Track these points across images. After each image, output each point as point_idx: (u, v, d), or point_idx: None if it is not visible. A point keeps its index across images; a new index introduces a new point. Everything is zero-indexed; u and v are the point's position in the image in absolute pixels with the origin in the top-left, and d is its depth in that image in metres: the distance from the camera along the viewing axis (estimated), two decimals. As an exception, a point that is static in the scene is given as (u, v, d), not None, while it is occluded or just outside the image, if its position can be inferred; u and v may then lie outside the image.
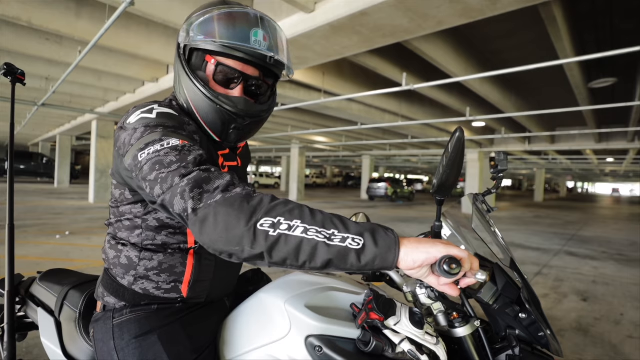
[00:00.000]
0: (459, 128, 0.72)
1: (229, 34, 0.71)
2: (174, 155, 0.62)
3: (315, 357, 0.71)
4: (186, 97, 0.76)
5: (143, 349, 0.75)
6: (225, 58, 0.74)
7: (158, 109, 0.69)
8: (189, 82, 0.75)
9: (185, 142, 0.64)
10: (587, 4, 4.48)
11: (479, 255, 1.00)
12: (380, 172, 31.98)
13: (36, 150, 24.76)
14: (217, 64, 0.74)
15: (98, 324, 0.80)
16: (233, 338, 0.83)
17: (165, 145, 0.63)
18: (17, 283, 1.10)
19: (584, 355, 2.43)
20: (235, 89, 0.77)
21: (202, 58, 0.75)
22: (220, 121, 0.76)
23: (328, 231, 0.55)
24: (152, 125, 0.66)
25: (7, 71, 1.11)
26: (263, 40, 0.73)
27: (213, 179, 0.59)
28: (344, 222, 0.57)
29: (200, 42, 0.72)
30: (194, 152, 0.63)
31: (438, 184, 0.75)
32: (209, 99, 0.74)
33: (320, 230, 0.55)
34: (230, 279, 0.91)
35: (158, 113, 0.68)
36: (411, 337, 0.72)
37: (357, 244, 0.55)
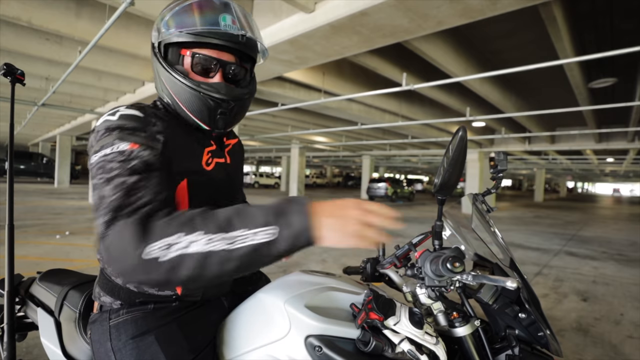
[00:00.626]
0: (462, 127, 0.72)
1: (198, 22, 0.72)
2: (117, 161, 0.62)
3: (314, 357, 0.71)
4: (169, 92, 0.76)
5: (140, 350, 0.75)
6: (199, 48, 0.75)
7: (123, 111, 0.69)
8: (169, 76, 0.75)
9: (136, 146, 0.64)
10: (587, 4, 4.48)
11: (478, 255, 1.00)
12: (380, 172, 31.97)
13: (36, 150, 24.75)
14: (193, 54, 0.75)
15: (95, 325, 0.80)
16: (232, 338, 0.83)
17: (115, 149, 0.63)
18: (17, 283, 1.10)
19: (584, 355, 2.43)
20: (215, 76, 0.78)
21: (177, 53, 0.76)
22: (206, 108, 0.76)
23: (235, 232, 0.53)
24: (111, 128, 0.66)
25: (6, 71, 1.11)
26: (232, 23, 0.74)
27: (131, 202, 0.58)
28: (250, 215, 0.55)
29: (173, 36, 0.73)
30: (138, 159, 0.63)
31: (440, 184, 0.75)
32: (191, 89, 0.74)
33: (227, 235, 0.53)
34: None
35: (120, 115, 0.68)
36: (411, 337, 0.72)
37: (270, 234, 0.53)
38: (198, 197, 0.77)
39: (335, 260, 4.73)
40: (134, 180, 0.61)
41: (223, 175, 0.85)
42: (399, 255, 1.00)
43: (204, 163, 0.79)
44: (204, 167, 0.78)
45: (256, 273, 1.08)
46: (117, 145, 0.64)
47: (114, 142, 0.64)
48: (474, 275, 0.75)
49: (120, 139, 0.65)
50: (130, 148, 0.64)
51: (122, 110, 0.70)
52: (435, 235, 0.86)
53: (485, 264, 0.98)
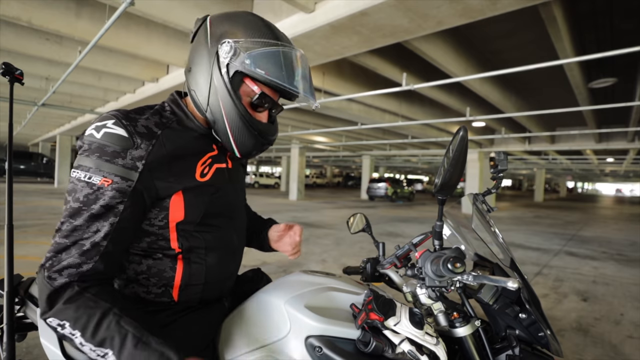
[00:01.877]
0: (463, 127, 0.72)
1: (280, 73, 0.73)
2: (84, 194, 0.65)
3: (315, 358, 0.71)
4: (221, 111, 0.75)
5: None
6: (266, 87, 0.77)
7: (108, 128, 0.67)
8: (229, 102, 0.74)
9: (107, 182, 0.65)
10: (587, 4, 4.48)
11: (479, 256, 1.00)
12: (380, 172, 31.98)
13: (36, 150, 24.77)
14: (262, 92, 0.76)
15: None
16: (232, 338, 0.82)
17: (86, 178, 0.65)
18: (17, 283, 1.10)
19: (584, 355, 2.43)
20: (263, 113, 0.81)
21: (241, 77, 0.75)
22: (252, 144, 0.79)
23: (103, 350, 0.60)
24: (92, 148, 0.66)
25: (5, 71, 1.10)
26: (302, 80, 0.77)
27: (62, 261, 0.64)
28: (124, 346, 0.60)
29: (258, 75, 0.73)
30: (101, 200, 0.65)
31: (441, 183, 0.75)
32: (247, 125, 0.76)
33: (95, 349, 0.61)
34: (224, 281, 0.89)
35: (104, 133, 0.67)
36: (411, 338, 0.72)
37: None
38: (194, 206, 0.76)
39: (335, 261, 4.73)
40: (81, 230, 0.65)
41: (223, 181, 0.83)
42: (399, 255, 0.99)
43: (198, 175, 0.76)
44: (197, 180, 0.76)
45: (257, 273, 1.07)
46: (90, 176, 0.65)
47: (90, 170, 0.65)
48: (475, 275, 0.75)
49: (96, 167, 0.65)
50: (100, 184, 0.65)
51: (109, 126, 0.67)
52: (436, 235, 0.86)
53: (485, 264, 0.97)
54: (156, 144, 0.70)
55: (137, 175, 0.67)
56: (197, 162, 0.77)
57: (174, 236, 0.75)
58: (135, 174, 0.67)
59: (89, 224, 0.64)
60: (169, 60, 5.59)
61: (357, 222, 1.22)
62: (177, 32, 5.41)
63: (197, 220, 0.76)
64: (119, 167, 0.66)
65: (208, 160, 0.80)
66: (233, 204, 0.89)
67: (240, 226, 0.93)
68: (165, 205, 0.72)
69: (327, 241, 6.20)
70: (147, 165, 0.68)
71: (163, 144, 0.71)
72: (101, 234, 0.65)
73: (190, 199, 0.75)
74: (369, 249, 5.57)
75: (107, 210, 0.65)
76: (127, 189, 0.66)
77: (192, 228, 0.76)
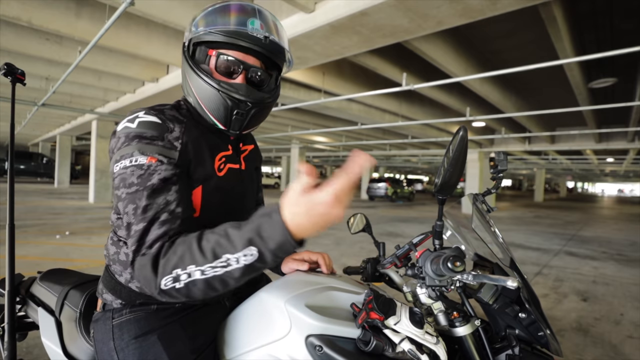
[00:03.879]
0: (462, 127, 0.72)
1: (227, 22, 0.74)
2: (137, 176, 0.66)
3: (315, 357, 0.71)
4: (192, 91, 0.78)
5: (143, 350, 0.75)
6: (226, 49, 0.77)
7: (142, 117, 0.71)
8: (193, 75, 0.77)
9: (153, 160, 0.67)
10: (587, 4, 4.48)
11: (479, 255, 1.00)
12: (380, 172, 31.98)
13: (36, 150, 24.76)
14: (218, 54, 0.76)
15: (98, 324, 0.80)
16: (233, 338, 0.83)
17: (134, 162, 0.66)
18: (18, 283, 1.10)
19: (584, 355, 2.43)
20: (238, 78, 0.79)
21: (204, 52, 0.78)
22: (223, 107, 0.76)
23: (221, 261, 0.57)
24: (130, 137, 0.69)
25: (7, 71, 1.11)
26: (260, 28, 0.76)
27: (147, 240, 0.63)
28: (230, 237, 0.58)
29: (201, 34, 0.75)
30: (155, 174, 0.66)
31: (441, 183, 0.75)
32: (212, 87, 0.75)
33: (214, 265, 0.57)
34: None
35: (139, 122, 0.70)
36: (411, 337, 0.72)
37: (252, 256, 0.57)
38: (209, 203, 0.77)
39: (335, 261, 4.73)
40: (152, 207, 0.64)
41: (236, 181, 0.85)
42: (399, 255, 1.00)
43: (217, 168, 0.79)
44: (216, 173, 0.78)
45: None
46: (136, 159, 0.67)
47: (133, 154, 0.67)
48: (475, 275, 0.75)
49: (139, 151, 0.67)
50: (148, 162, 0.67)
51: (141, 116, 0.71)
52: (436, 235, 0.86)
53: (485, 264, 0.98)
54: (186, 128, 0.75)
55: (177, 153, 0.71)
56: (215, 156, 0.80)
57: None
58: (176, 152, 0.70)
59: (155, 198, 0.65)
60: (169, 60, 5.59)
61: (357, 223, 1.22)
62: (177, 32, 5.41)
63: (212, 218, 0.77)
64: (160, 147, 0.69)
65: (222, 158, 0.82)
66: (243, 206, 0.90)
67: None
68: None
69: (327, 241, 6.21)
70: (183, 145, 0.72)
71: (189, 129, 0.75)
72: (172, 204, 0.66)
73: (207, 195, 0.77)
74: (369, 249, 5.57)
75: (165, 181, 0.67)
76: (173, 164, 0.69)
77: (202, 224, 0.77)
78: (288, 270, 1.00)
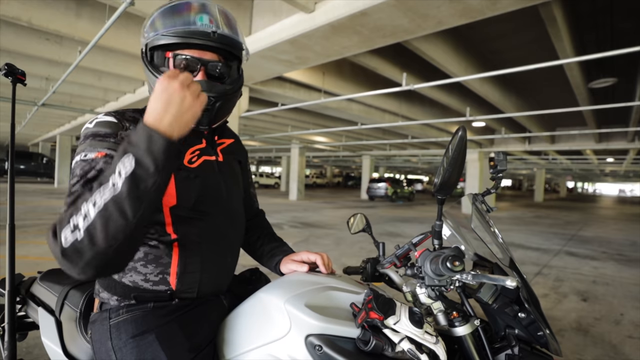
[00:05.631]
0: (462, 127, 0.73)
1: (175, 23, 0.76)
2: (80, 168, 0.69)
3: (315, 356, 0.71)
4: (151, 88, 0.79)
5: (140, 349, 0.75)
6: (182, 49, 0.79)
7: (100, 118, 0.75)
8: (152, 77, 0.79)
9: (101, 154, 0.70)
10: (587, 4, 4.49)
11: (478, 256, 1.01)
12: (380, 172, 31.97)
13: (36, 150, 24.76)
14: (175, 55, 0.78)
15: (95, 325, 0.81)
16: (233, 337, 0.83)
17: (82, 157, 0.70)
18: (18, 283, 1.10)
19: (584, 355, 2.43)
20: (198, 75, 0.81)
21: (162, 56, 0.80)
22: None
23: (107, 184, 0.57)
24: (87, 135, 0.73)
25: (7, 71, 1.12)
26: (209, 22, 0.77)
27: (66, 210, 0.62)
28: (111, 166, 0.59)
29: (153, 39, 0.77)
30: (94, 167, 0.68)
31: (440, 183, 0.75)
32: None
33: (101, 190, 0.57)
34: (222, 274, 0.91)
35: (96, 122, 0.75)
36: (411, 336, 0.72)
37: (130, 164, 0.57)
38: (184, 192, 0.80)
39: (335, 261, 4.73)
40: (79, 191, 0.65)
41: (211, 172, 0.87)
42: (399, 254, 1.00)
43: (186, 161, 0.82)
44: (185, 165, 0.81)
45: (255, 272, 1.08)
46: (86, 154, 0.70)
47: (85, 150, 0.71)
48: (474, 274, 0.75)
49: (91, 147, 0.71)
50: (95, 156, 0.70)
51: (100, 117, 0.76)
52: (435, 234, 0.86)
53: (484, 264, 0.98)
54: None
55: None
56: (186, 151, 0.82)
57: (169, 221, 0.79)
58: None
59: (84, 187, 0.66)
60: (169, 60, 5.59)
61: (357, 223, 1.22)
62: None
63: (190, 205, 0.80)
64: (111, 143, 0.72)
65: (196, 151, 0.84)
66: (226, 196, 0.90)
67: (237, 222, 0.94)
68: None
69: (327, 241, 6.21)
70: None
71: None
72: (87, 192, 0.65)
73: (180, 183, 0.79)
74: (369, 249, 5.58)
75: (100, 173, 0.68)
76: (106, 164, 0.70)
77: (186, 214, 0.80)
78: (287, 271, 1.00)
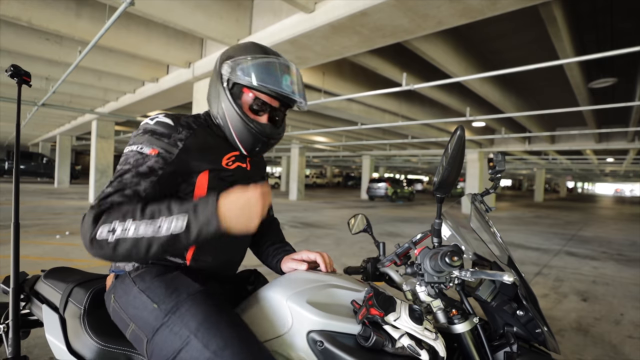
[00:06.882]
0: (460, 127, 0.74)
1: (268, 79, 0.90)
2: (134, 159, 0.81)
3: (316, 352, 0.72)
4: (225, 118, 0.93)
5: (167, 281, 0.82)
6: (260, 93, 0.92)
7: (160, 118, 0.87)
8: (230, 107, 0.92)
9: (154, 152, 0.82)
10: (587, 4, 4.49)
11: (477, 255, 1.02)
12: (380, 172, 31.98)
13: (36, 150, 24.77)
14: (255, 97, 0.92)
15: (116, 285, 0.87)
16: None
17: (138, 149, 0.82)
18: (22, 280, 1.11)
19: (584, 355, 2.44)
20: (263, 116, 0.95)
21: (240, 89, 0.93)
22: (252, 141, 0.94)
23: (156, 221, 0.70)
24: (146, 130, 0.85)
25: (13, 72, 1.13)
26: (290, 84, 0.92)
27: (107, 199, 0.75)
28: (171, 205, 0.73)
29: (247, 82, 0.90)
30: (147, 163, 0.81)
31: (439, 182, 0.76)
32: (245, 124, 0.92)
33: (149, 223, 0.70)
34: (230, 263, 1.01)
35: (157, 121, 0.86)
36: (411, 333, 0.73)
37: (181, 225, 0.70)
38: (214, 187, 0.89)
39: (335, 260, 4.74)
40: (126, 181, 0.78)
41: (242, 176, 0.97)
42: (399, 253, 1.01)
43: (224, 163, 0.93)
44: (223, 166, 0.92)
45: (254, 273, 1.10)
46: (142, 147, 0.82)
47: (142, 143, 0.82)
48: (472, 271, 0.76)
49: (148, 142, 0.82)
50: (149, 152, 0.82)
51: (159, 117, 0.87)
52: (435, 233, 0.87)
53: (483, 263, 0.99)
54: (192, 134, 0.89)
55: (177, 150, 0.84)
56: (223, 155, 0.94)
57: None
58: (176, 150, 0.84)
59: (133, 178, 0.79)
60: (169, 60, 5.60)
61: (358, 223, 1.23)
62: (177, 32, 5.41)
63: None
64: (165, 143, 0.84)
65: (232, 157, 0.96)
66: None
67: None
68: (193, 182, 0.87)
69: (327, 241, 6.22)
70: (184, 146, 0.86)
71: (197, 135, 0.90)
72: (141, 186, 0.79)
73: (214, 180, 0.89)
74: (369, 249, 5.59)
75: (150, 171, 0.80)
76: (169, 158, 0.83)
77: None
78: (287, 270, 1.03)
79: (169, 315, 0.76)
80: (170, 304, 0.78)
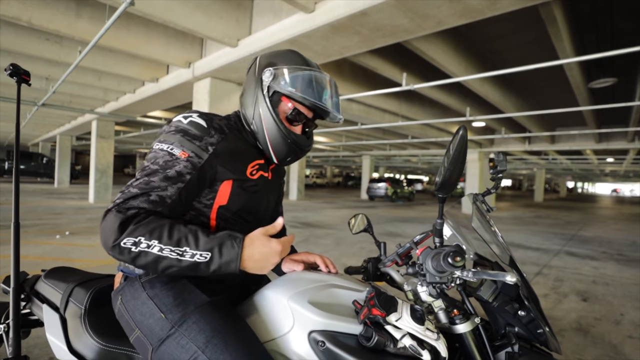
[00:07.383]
0: (462, 127, 0.74)
1: (310, 91, 0.90)
2: (164, 160, 0.80)
3: (318, 352, 0.72)
4: (262, 125, 0.92)
5: (177, 290, 0.82)
6: (299, 104, 0.93)
7: (194, 118, 0.86)
8: (268, 115, 0.91)
9: (184, 155, 0.81)
10: (587, 4, 4.49)
11: (479, 255, 1.01)
12: (380, 172, 31.98)
13: (36, 150, 24.76)
14: (293, 108, 0.93)
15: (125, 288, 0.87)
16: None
17: (169, 149, 0.81)
18: (22, 280, 1.11)
19: (584, 355, 2.44)
20: (297, 127, 0.96)
21: (279, 97, 0.93)
22: (286, 150, 0.95)
23: (181, 249, 0.72)
24: (178, 129, 0.84)
25: (12, 72, 1.13)
26: (329, 98, 0.94)
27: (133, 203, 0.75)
28: (198, 238, 0.74)
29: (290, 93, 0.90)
30: (175, 167, 0.80)
31: (441, 182, 0.76)
32: (282, 133, 0.92)
33: (174, 249, 0.71)
34: None
35: (190, 121, 0.85)
36: (412, 333, 0.73)
37: (205, 258, 0.72)
38: (236, 197, 0.89)
39: (336, 260, 4.74)
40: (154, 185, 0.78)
41: (263, 186, 0.97)
42: (400, 253, 1.01)
43: (248, 172, 0.92)
44: (247, 176, 0.92)
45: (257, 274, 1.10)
46: (172, 148, 0.81)
47: (173, 144, 0.82)
48: (474, 271, 0.76)
49: (179, 143, 0.82)
50: (179, 155, 0.81)
51: (194, 117, 0.86)
52: (436, 233, 0.87)
53: (485, 263, 0.99)
54: (224, 138, 0.88)
55: (207, 155, 0.84)
56: (249, 163, 0.93)
57: (214, 216, 0.89)
58: (206, 154, 0.84)
59: (161, 182, 0.78)
60: (169, 61, 5.60)
61: (358, 223, 1.23)
62: (177, 32, 5.41)
63: (235, 209, 0.90)
64: (196, 146, 0.83)
65: (256, 165, 0.95)
66: (265, 209, 1.00)
67: None
68: (216, 189, 0.87)
69: (327, 241, 6.22)
70: (215, 150, 0.85)
71: (228, 140, 0.89)
72: (168, 192, 0.78)
73: (236, 189, 0.89)
74: (369, 249, 5.58)
75: (178, 175, 0.79)
76: (198, 163, 0.82)
77: (229, 215, 0.90)
78: (287, 270, 1.04)
79: (175, 328, 0.77)
80: (177, 314, 0.78)
